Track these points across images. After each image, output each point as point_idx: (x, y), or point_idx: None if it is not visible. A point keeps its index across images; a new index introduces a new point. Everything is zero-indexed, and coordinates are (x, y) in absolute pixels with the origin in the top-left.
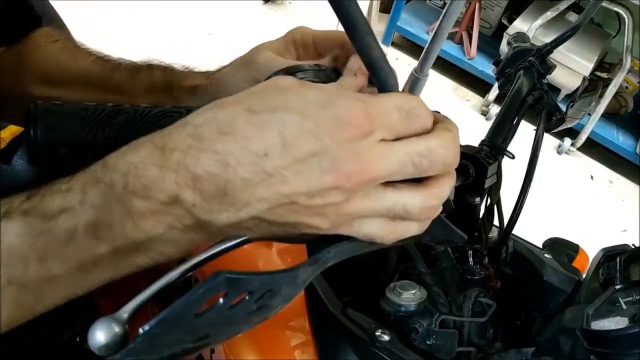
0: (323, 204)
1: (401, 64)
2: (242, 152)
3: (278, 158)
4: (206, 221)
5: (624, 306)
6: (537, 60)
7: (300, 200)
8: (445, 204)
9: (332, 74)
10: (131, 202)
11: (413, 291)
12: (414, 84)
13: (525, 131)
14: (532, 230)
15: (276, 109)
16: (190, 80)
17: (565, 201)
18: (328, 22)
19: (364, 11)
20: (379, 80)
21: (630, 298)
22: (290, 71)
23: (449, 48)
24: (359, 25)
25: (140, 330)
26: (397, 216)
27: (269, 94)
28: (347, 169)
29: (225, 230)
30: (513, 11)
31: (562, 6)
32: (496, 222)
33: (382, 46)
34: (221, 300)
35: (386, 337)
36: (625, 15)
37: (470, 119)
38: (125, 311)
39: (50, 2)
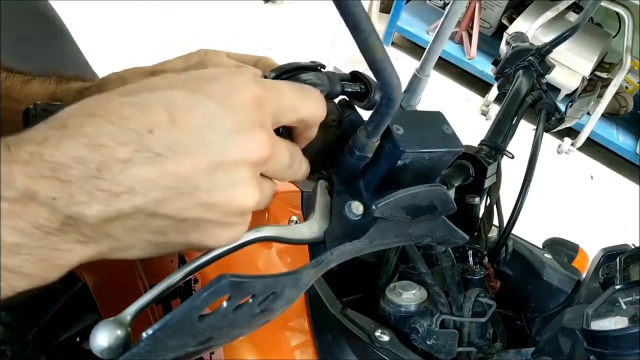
0: (229, 182)
1: (401, 64)
2: (121, 131)
3: (167, 133)
4: (74, 216)
5: (623, 306)
6: (536, 60)
7: (201, 182)
8: (447, 204)
9: (334, 76)
10: None
11: (413, 291)
12: (416, 83)
13: (525, 131)
14: (532, 230)
15: (156, 88)
16: (78, 84)
17: (565, 201)
18: (328, 21)
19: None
20: (383, 80)
21: (630, 298)
22: (288, 68)
23: (449, 48)
24: (362, 25)
25: (144, 334)
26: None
27: (148, 80)
28: (252, 140)
29: (103, 230)
30: (513, 11)
31: (562, 6)
32: (496, 222)
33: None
34: (225, 303)
35: (386, 338)
36: (625, 15)
37: (470, 119)
38: (128, 314)
39: (50, 1)
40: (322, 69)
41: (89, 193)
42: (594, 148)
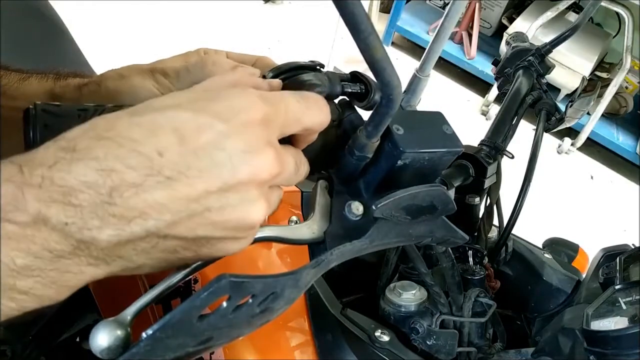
0: (239, 201)
1: (401, 64)
2: (130, 154)
3: (176, 156)
4: (86, 241)
5: (623, 306)
6: (536, 60)
7: (212, 203)
8: (447, 205)
9: (334, 76)
10: None
11: (413, 291)
12: (416, 83)
13: (525, 131)
14: (532, 230)
15: (164, 108)
16: (77, 80)
17: (565, 201)
18: (327, 21)
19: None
20: (383, 80)
21: (630, 298)
22: (286, 68)
23: (449, 48)
24: (362, 25)
25: (144, 335)
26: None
27: (154, 99)
28: (261, 160)
29: (115, 253)
30: (513, 11)
31: (562, 6)
32: (496, 222)
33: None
34: (224, 303)
35: (386, 338)
36: (625, 15)
37: (470, 119)
38: (128, 314)
39: (50, 2)
40: (320, 68)
41: (101, 218)
42: (594, 148)
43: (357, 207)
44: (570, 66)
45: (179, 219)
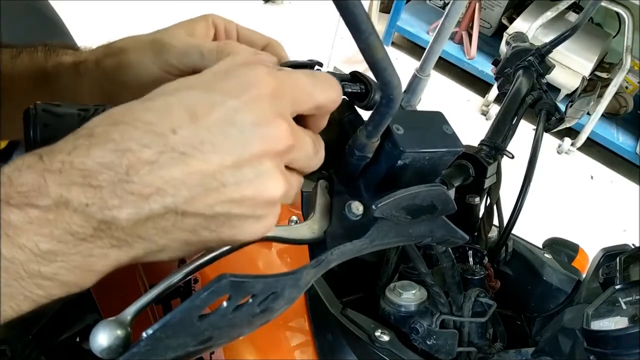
0: (255, 175)
1: (401, 64)
2: (145, 135)
3: (189, 132)
4: (107, 221)
5: (623, 306)
6: (536, 60)
7: (227, 177)
8: (447, 204)
9: (334, 76)
10: (4, 214)
11: (413, 291)
12: (416, 83)
13: (525, 131)
14: (532, 230)
15: (175, 91)
16: (71, 57)
17: (565, 201)
18: (327, 21)
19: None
20: (383, 80)
21: (630, 298)
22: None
23: (449, 48)
24: (363, 25)
25: (144, 334)
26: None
27: (167, 84)
28: (273, 131)
29: (136, 232)
30: (513, 11)
31: (562, 6)
32: (496, 222)
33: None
34: (225, 303)
35: (386, 337)
36: (625, 15)
37: (470, 119)
38: (128, 314)
39: (50, 2)
40: (319, 67)
41: (120, 197)
42: (594, 148)
43: (357, 207)
44: (570, 66)
45: (195, 194)
